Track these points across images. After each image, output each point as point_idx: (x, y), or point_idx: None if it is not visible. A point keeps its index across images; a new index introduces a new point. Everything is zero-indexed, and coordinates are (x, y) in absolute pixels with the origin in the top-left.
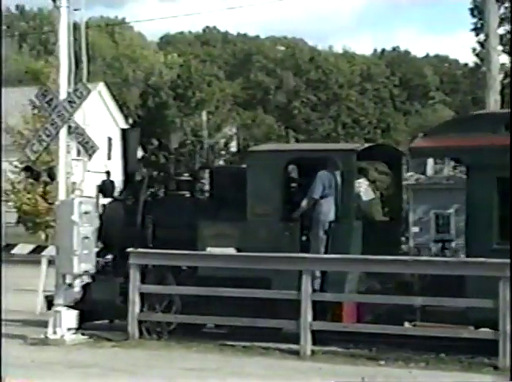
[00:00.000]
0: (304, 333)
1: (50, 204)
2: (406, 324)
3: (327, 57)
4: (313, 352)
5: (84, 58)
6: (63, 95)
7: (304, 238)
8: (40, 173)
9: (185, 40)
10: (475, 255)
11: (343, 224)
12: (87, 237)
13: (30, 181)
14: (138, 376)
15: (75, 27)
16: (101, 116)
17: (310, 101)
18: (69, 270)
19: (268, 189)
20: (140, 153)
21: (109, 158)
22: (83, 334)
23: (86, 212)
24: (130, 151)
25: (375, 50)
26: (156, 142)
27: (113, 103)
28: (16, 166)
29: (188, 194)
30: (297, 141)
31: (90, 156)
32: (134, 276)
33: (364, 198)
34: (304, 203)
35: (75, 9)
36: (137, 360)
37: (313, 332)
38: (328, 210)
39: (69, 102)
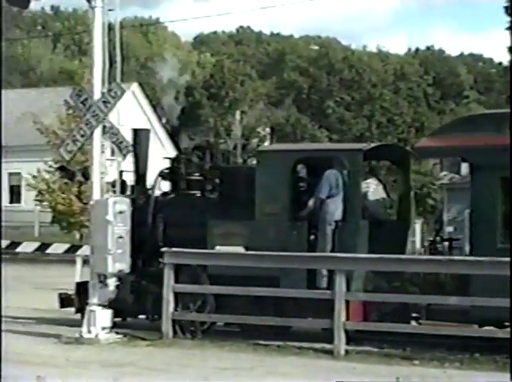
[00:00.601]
0: (338, 332)
1: (84, 203)
2: (413, 322)
3: (361, 56)
4: (347, 351)
5: (118, 58)
6: (97, 96)
7: (312, 237)
8: (74, 173)
9: (219, 40)
10: (479, 255)
11: (350, 223)
12: (121, 237)
13: (65, 180)
14: (172, 375)
15: (110, 27)
16: (135, 116)
17: (344, 100)
18: (104, 270)
19: (276, 188)
20: (174, 153)
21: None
22: (117, 333)
23: (120, 212)
24: (141, 151)
25: (409, 49)
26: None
27: (146, 103)
28: (51, 166)
29: (198, 193)
30: (331, 140)
31: (124, 156)
32: (168, 275)
33: (372, 198)
34: (311, 203)
35: (110, 10)
36: (171, 359)
37: (347, 331)
38: (335, 209)
39: (103, 102)
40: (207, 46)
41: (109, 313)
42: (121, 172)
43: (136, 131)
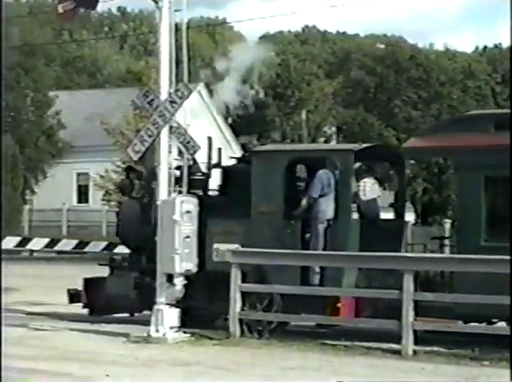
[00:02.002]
0: (406, 332)
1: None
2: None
3: (428, 55)
4: (415, 351)
5: (185, 58)
6: (164, 96)
7: (307, 235)
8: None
9: (284, 40)
10: (464, 252)
11: (341, 221)
12: (188, 236)
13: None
14: (240, 374)
15: (176, 28)
16: (201, 116)
17: (411, 99)
18: (171, 269)
19: (270, 187)
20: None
21: (209, 158)
22: (184, 332)
23: (187, 212)
24: (147, 151)
25: (477, 47)
26: (255, 142)
27: (212, 103)
28: (118, 166)
29: (200, 192)
30: (398, 140)
31: (191, 155)
32: (235, 275)
33: (368, 197)
34: (303, 202)
35: (177, 10)
36: (238, 359)
37: (415, 331)
38: (327, 208)
39: (170, 102)
40: (273, 46)
41: (176, 312)
42: (127, 172)
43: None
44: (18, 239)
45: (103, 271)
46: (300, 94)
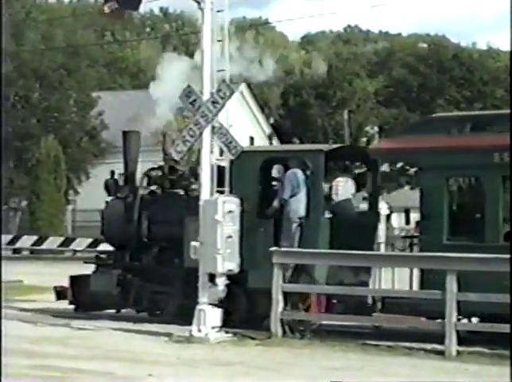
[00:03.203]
0: (449, 333)
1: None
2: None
3: (471, 54)
4: (458, 352)
5: (227, 58)
6: (206, 96)
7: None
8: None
9: (327, 39)
10: (427, 251)
11: (312, 220)
12: (230, 236)
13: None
14: (283, 374)
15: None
16: (243, 116)
17: (454, 98)
18: (213, 269)
19: (245, 187)
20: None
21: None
22: (226, 332)
23: (230, 211)
24: (131, 152)
25: None
26: (297, 141)
27: (254, 103)
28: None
29: (181, 192)
30: None
31: (233, 156)
32: (277, 275)
33: (341, 197)
34: (275, 203)
35: (219, 11)
36: (280, 359)
37: (458, 332)
38: (298, 208)
39: (212, 102)
40: (315, 45)
41: (219, 312)
42: (112, 172)
43: (125, 133)
44: (61, 239)
45: None
46: (342, 93)
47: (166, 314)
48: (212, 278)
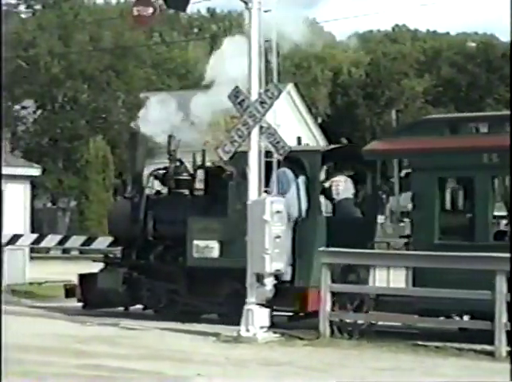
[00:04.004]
0: (499, 334)
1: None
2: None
3: None
4: (509, 353)
5: (274, 59)
6: (254, 96)
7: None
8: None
9: (374, 39)
10: (418, 250)
11: (309, 220)
12: (278, 236)
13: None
14: (331, 375)
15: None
16: (290, 116)
17: (503, 97)
18: (261, 269)
19: (245, 186)
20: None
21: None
22: (274, 332)
23: (277, 212)
24: (137, 153)
25: None
26: (345, 141)
27: (302, 103)
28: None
29: (186, 192)
30: None
31: (281, 156)
32: (325, 275)
33: (342, 196)
34: None
35: (266, 11)
36: (329, 359)
37: (508, 332)
38: (295, 205)
39: (260, 102)
40: (363, 45)
41: (267, 312)
42: (120, 173)
43: (132, 135)
44: (110, 239)
45: None
46: (390, 93)
47: (171, 312)
48: (260, 278)
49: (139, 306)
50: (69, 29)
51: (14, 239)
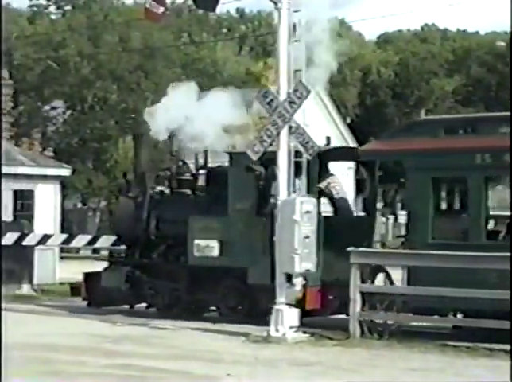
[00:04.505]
0: None
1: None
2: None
3: None
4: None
5: (303, 58)
6: (283, 96)
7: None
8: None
9: (403, 38)
10: (412, 249)
11: None
12: (307, 236)
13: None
14: (361, 375)
15: (295, 28)
16: (319, 116)
17: None
18: (290, 269)
19: (245, 187)
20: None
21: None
22: (304, 332)
23: (307, 212)
24: (141, 153)
25: None
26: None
27: (331, 103)
28: None
29: (188, 192)
30: None
31: (310, 155)
32: (355, 275)
33: (339, 195)
34: (272, 200)
35: (296, 11)
36: (359, 360)
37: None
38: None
39: (289, 102)
40: (392, 45)
41: (296, 312)
42: (124, 173)
43: (136, 136)
44: None
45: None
46: (419, 93)
47: (173, 310)
48: (289, 278)
49: (144, 304)
50: (99, 30)
51: (44, 239)
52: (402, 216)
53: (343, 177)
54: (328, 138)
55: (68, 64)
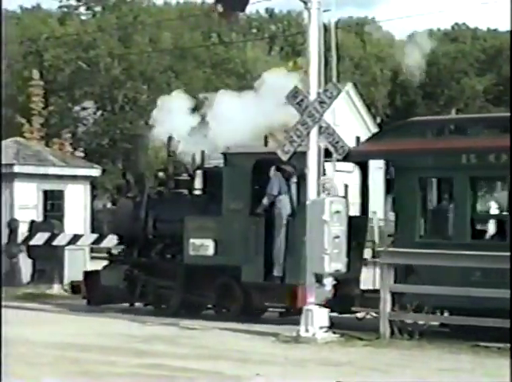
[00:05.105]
0: None
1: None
2: None
3: None
4: None
5: (334, 58)
6: (313, 96)
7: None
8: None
9: (434, 38)
10: (400, 248)
11: (298, 218)
12: (337, 236)
13: None
14: (392, 375)
15: (325, 28)
16: (349, 116)
17: None
18: (320, 269)
19: (238, 186)
20: None
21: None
22: (334, 333)
23: (337, 212)
24: (139, 155)
25: None
26: None
27: (361, 103)
28: None
29: (185, 192)
30: None
31: (340, 156)
32: (386, 275)
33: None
34: (264, 200)
35: (326, 11)
36: (389, 360)
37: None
38: (287, 204)
39: (320, 102)
40: (422, 44)
41: (326, 312)
42: (123, 173)
43: (134, 137)
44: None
45: None
46: (449, 92)
47: (170, 308)
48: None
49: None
50: (129, 31)
51: (75, 239)
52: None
53: (373, 175)
54: (358, 138)
55: (99, 65)
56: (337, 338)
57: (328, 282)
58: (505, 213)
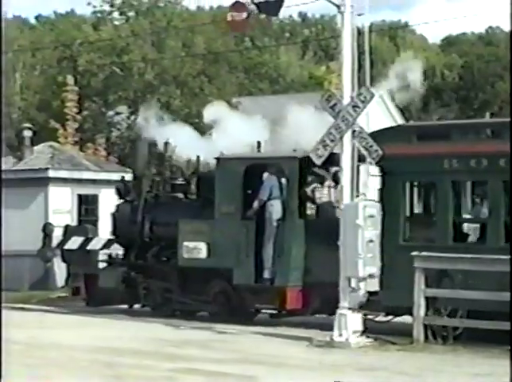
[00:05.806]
0: None
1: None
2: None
3: None
4: None
5: (367, 62)
6: (346, 100)
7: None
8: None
9: (468, 41)
10: (386, 251)
11: (288, 223)
12: (371, 240)
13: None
14: (426, 380)
15: (359, 32)
16: (383, 120)
17: None
18: (354, 274)
19: (230, 191)
20: None
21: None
22: (367, 337)
23: (370, 216)
24: (139, 159)
25: None
26: None
27: (394, 107)
28: None
29: (181, 196)
30: None
31: (373, 160)
32: (419, 280)
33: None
34: (255, 204)
35: (359, 14)
36: (423, 365)
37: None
38: (278, 209)
39: (353, 106)
40: (456, 47)
41: (359, 316)
42: (122, 177)
43: (134, 141)
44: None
45: None
46: (484, 96)
47: (166, 309)
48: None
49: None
50: (162, 36)
51: (109, 243)
52: None
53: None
54: None
55: (132, 70)
56: (370, 343)
57: (362, 287)
58: (484, 217)
